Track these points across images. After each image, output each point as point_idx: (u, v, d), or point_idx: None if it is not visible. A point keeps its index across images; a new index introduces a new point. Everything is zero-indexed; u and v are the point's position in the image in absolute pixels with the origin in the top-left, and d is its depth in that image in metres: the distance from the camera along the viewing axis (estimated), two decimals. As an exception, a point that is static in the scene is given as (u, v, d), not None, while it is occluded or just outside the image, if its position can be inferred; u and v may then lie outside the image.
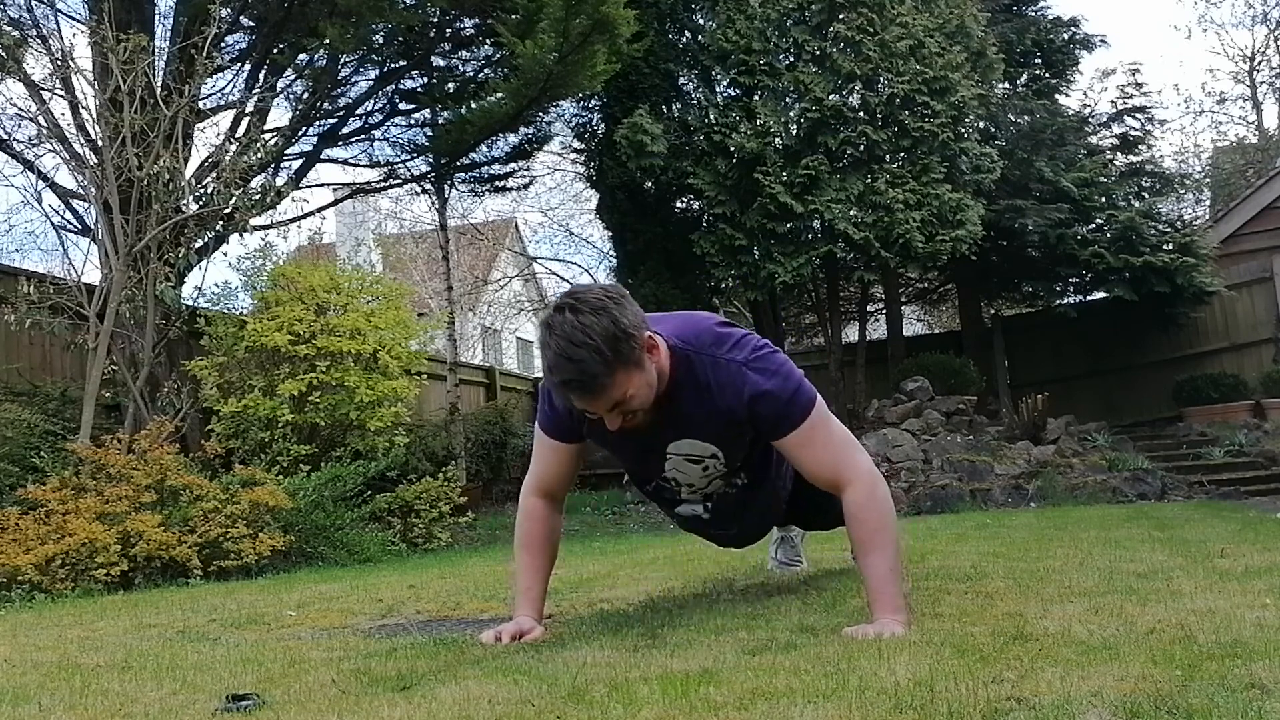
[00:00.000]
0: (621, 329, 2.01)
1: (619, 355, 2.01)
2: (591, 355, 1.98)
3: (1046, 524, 5.61)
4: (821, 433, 2.21)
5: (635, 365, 2.05)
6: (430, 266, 20.70)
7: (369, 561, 6.14)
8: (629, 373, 2.04)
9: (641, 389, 2.08)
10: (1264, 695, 1.36)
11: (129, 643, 2.72)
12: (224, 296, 7.75)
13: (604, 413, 2.09)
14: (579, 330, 1.98)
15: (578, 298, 2.04)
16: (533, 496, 2.46)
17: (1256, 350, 12.08)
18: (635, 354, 2.04)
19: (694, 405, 2.20)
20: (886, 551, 2.14)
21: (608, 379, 2.01)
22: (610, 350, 1.99)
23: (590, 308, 2.01)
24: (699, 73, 10.70)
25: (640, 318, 2.08)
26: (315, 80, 8.98)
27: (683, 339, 2.19)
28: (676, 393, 2.17)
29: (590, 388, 2.02)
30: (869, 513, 2.16)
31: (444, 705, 1.60)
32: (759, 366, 2.17)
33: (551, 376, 2.05)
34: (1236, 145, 22.31)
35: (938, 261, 10.56)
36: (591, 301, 2.02)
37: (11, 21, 7.21)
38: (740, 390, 2.16)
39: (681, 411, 2.21)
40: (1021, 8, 13.03)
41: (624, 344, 2.01)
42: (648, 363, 2.09)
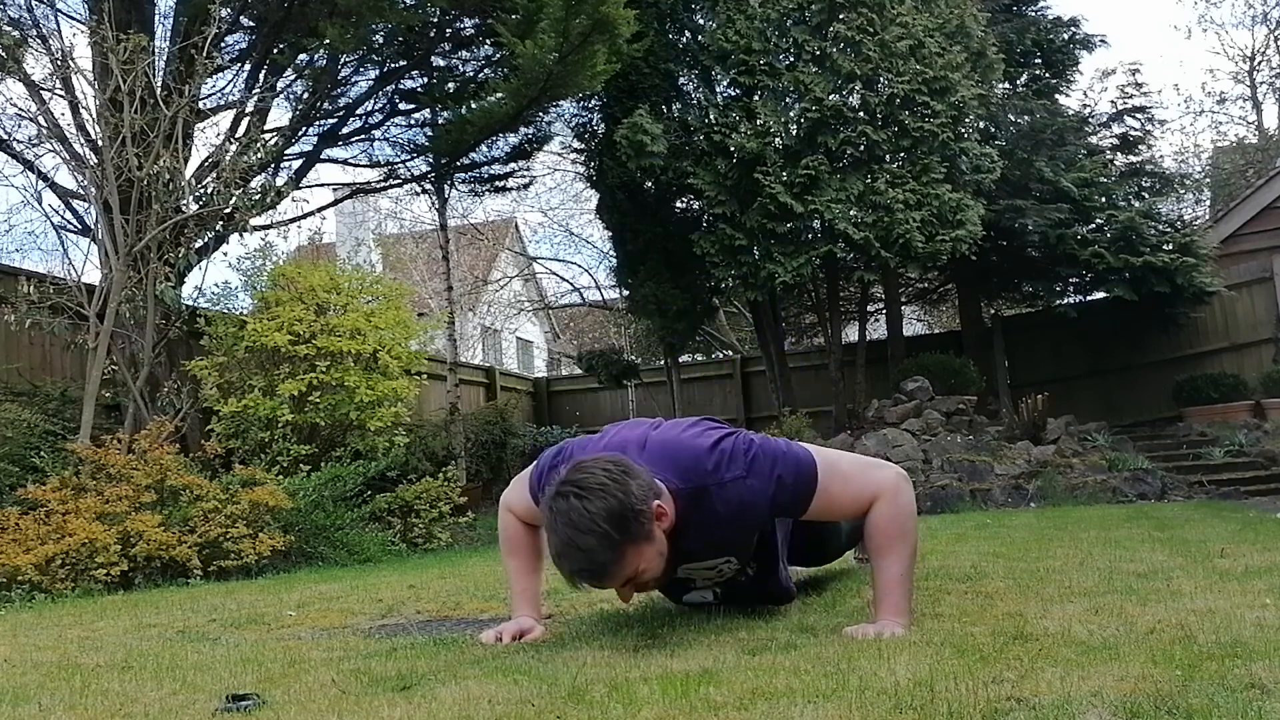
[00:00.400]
0: (630, 508, 1.97)
1: (628, 535, 1.97)
2: (600, 543, 1.95)
3: (1046, 524, 5.61)
4: (836, 483, 2.19)
5: (645, 539, 2.01)
6: (430, 266, 20.71)
7: (369, 561, 6.14)
8: (639, 548, 2.01)
9: (653, 560, 2.05)
10: (1264, 695, 1.36)
11: (129, 643, 2.72)
12: (224, 296, 7.76)
13: (616, 589, 2.09)
14: (585, 518, 1.94)
15: (580, 484, 1.98)
16: (509, 514, 2.47)
17: (1256, 350, 12.08)
18: (644, 529, 2.00)
19: (705, 535, 2.18)
20: (901, 557, 2.16)
21: (617, 564, 1.99)
22: (619, 533, 1.96)
23: (594, 491, 1.96)
24: (699, 73, 10.70)
25: (646, 487, 2.02)
26: (315, 80, 8.98)
27: (684, 480, 2.12)
28: (684, 530, 2.12)
29: (601, 575, 2.01)
30: (888, 520, 2.17)
31: (444, 705, 1.60)
32: (759, 471, 2.13)
33: (560, 564, 2.01)
34: (1236, 145, 22.30)
35: (938, 261, 10.55)
36: (594, 485, 1.97)
37: (11, 21, 7.21)
38: (759, 505, 2.15)
39: (692, 544, 2.18)
40: (1021, 8, 13.02)
41: (633, 523, 1.97)
42: (657, 533, 2.04)
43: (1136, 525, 5.12)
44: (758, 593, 2.52)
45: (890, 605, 2.11)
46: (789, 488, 2.15)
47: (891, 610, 2.10)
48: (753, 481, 2.12)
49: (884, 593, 2.14)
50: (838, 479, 2.20)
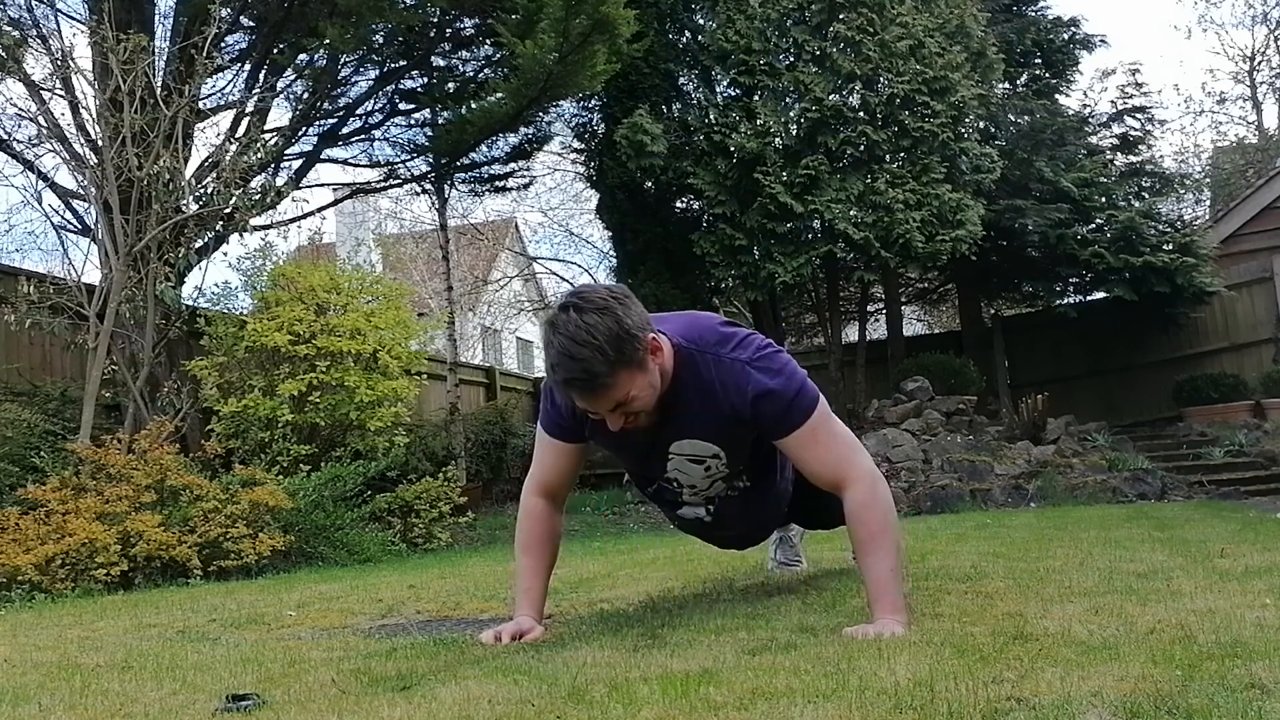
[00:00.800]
0: (625, 329, 2.01)
1: (622, 355, 2.01)
2: (595, 354, 1.98)
3: (1046, 524, 5.61)
4: (824, 433, 2.19)
5: (638, 366, 2.05)
6: (430, 266, 20.70)
7: (369, 561, 6.14)
8: (631, 373, 2.04)
9: (644, 390, 2.08)
10: (1264, 695, 1.36)
11: (129, 643, 2.72)
12: (224, 296, 7.76)
13: (606, 413, 2.09)
14: (583, 329, 1.98)
15: (582, 296, 2.04)
16: (534, 496, 2.44)
17: (1256, 350, 12.08)
18: (638, 355, 2.04)
19: (697, 404, 2.19)
20: (888, 552, 2.14)
21: (610, 379, 2.01)
22: (614, 350, 1.99)
23: (595, 307, 2.01)
24: (699, 73, 10.70)
25: (645, 319, 2.07)
26: (315, 80, 8.98)
27: (686, 338, 2.18)
28: (679, 392, 2.16)
29: (592, 387, 2.03)
30: (870, 513, 2.15)
31: (444, 705, 1.60)
32: (762, 365, 2.16)
33: (554, 374, 2.05)
34: (1236, 145, 22.31)
35: (938, 261, 10.56)
36: (596, 301, 2.02)
37: (11, 21, 7.21)
38: (744, 388, 2.15)
39: (684, 411, 2.20)
40: (1021, 8, 13.03)
41: (627, 344, 2.01)
42: (651, 364, 2.08)
43: (1136, 525, 5.12)
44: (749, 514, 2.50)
45: (887, 603, 2.09)
46: (780, 399, 2.14)
47: (889, 608, 2.08)
48: (751, 370, 2.14)
49: (878, 591, 2.11)
50: (827, 433, 2.20)
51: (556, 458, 2.38)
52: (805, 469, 2.25)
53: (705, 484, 2.40)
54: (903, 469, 9.26)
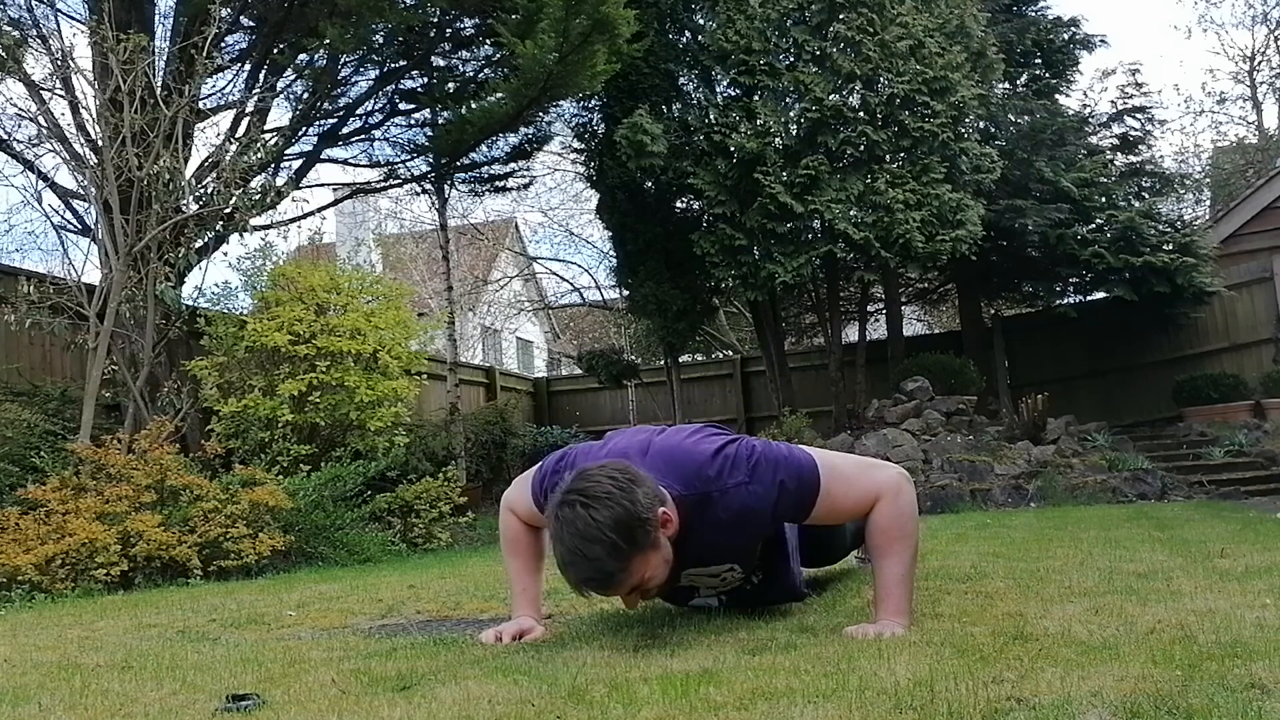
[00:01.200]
0: (635, 517, 1.97)
1: (634, 544, 1.98)
2: (607, 552, 1.95)
3: (1046, 524, 5.61)
4: (838, 487, 2.19)
5: (651, 548, 2.02)
6: (430, 266, 20.70)
7: (369, 561, 6.14)
8: (645, 557, 2.01)
9: (659, 568, 2.07)
10: (1264, 695, 1.36)
11: (129, 643, 2.72)
12: (224, 296, 7.76)
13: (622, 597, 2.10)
14: (592, 526, 1.94)
15: (586, 493, 1.98)
16: (510, 514, 2.45)
17: (1256, 350, 12.08)
18: (650, 538, 2.00)
19: (709, 541, 2.18)
20: (902, 557, 2.15)
21: (624, 573, 2.00)
22: (626, 542, 1.96)
23: (601, 500, 1.96)
24: (699, 73, 10.70)
25: (653, 494, 2.02)
26: (315, 80, 8.98)
27: (686, 485, 2.12)
28: (688, 536, 2.13)
29: (608, 584, 2.02)
30: (889, 520, 2.17)
31: (444, 705, 1.60)
32: (761, 477, 2.13)
33: (567, 574, 2.02)
34: (1236, 145, 22.30)
35: (938, 261, 10.55)
36: (600, 494, 1.97)
37: (11, 21, 7.21)
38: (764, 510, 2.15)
39: (696, 547, 2.18)
40: (1021, 8, 13.02)
41: (639, 531, 1.97)
42: (663, 540, 2.05)
43: (1136, 525, 5.12)
44: (763, 598, 2.50)
45: (891, 605, 2.10)
46: (792, 493, 2.14)
47: (892, 610, 2.09)
48: (755, 487, 2.12)
49: (885, 593, 2.13)
50: (840, 482, 2.19)
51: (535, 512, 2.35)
52: (840, 521, 2.30)
53: (720, 585, 2.38)
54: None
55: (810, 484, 2.16)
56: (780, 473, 2.14)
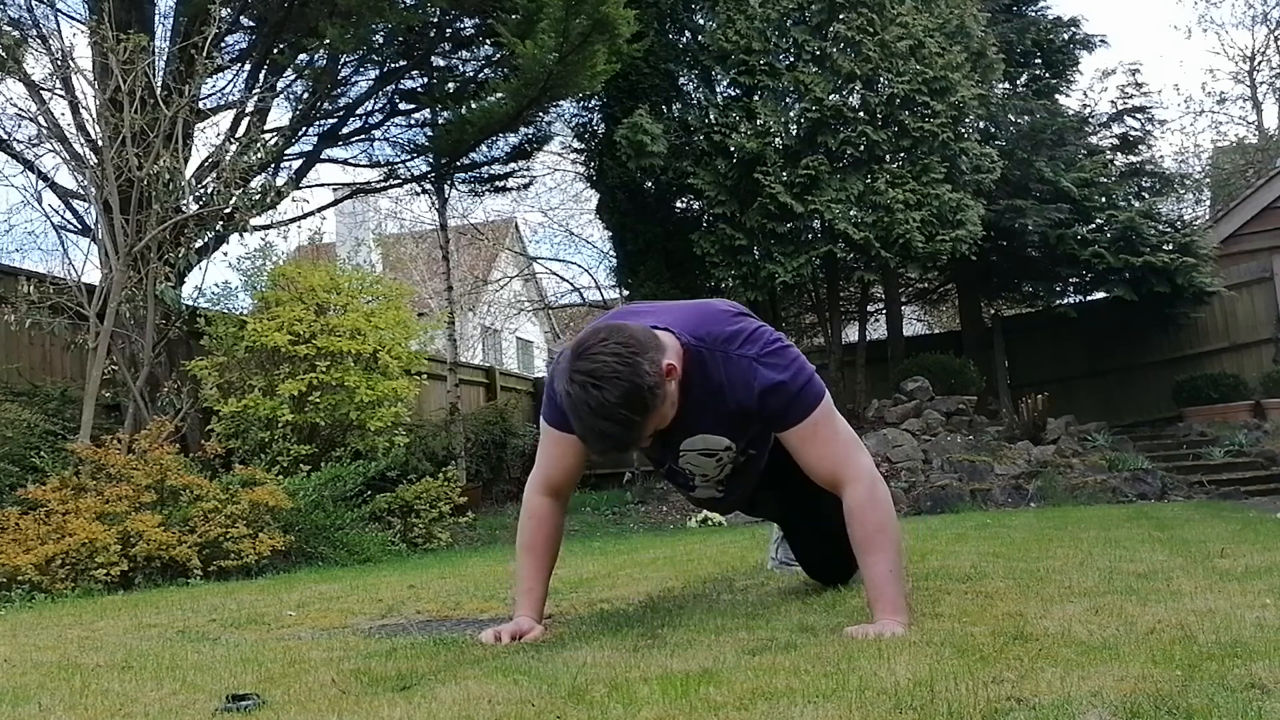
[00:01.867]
0: (641, 386, 2.02)
1: (646, 410, 2.05)
2: (622, 426, 2.04)
3: (1046, 524, 5.61)
4: (826, 428, 2.20)
5: (659, 404, 2.08)
6: (430, 266, 20.70)
7: (369, 561, 6.14)
8: (657, 413, 2.09)
9: (667, 415, 2.14)
10: (1264, 695, 1.36)
11: (129, 643, 2.72)
12: (224, 296, 7.76)
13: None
14: (605, 406, 2.00)
15: (593, 374, 2.01)
16: (538, 495, 2.45)
17: (1256, 350, 12.08)
18: (658, 398, 2.07)
19: (706, 403, 2.21)
20: (887, 552, 2.14)
21: (639, 435, 2.11)
22: (638, 413, 2.04)
23: (609, 380, 2.00)
24: (699, 73, 10.70)
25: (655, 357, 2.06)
26: (315, 80, 8.98)
27: (695, 335, 2.17)
28: (689, 391, 2.17)
29: (625, 448, 2.21)
30: (869, 513, 2.15)
31: (444, 705, 1.60)
32: (770, 361, 2.17)
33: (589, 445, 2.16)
34: (1236, 145, 22.30)
35: (938, 261, 10.56)
36: (608, 375, 2.00)
37: (11, 21, 7.21)
38: (751, 385, 2.16)
39: (693, 410, 2.21)
40: (1021, 8, 13.03)
41: (648, 397, 2.04)
42: (670, 389, 2.11)
43: (1136, 525, 5.12)
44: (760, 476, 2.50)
45: (886, 603, 2.08)
46: (787, 390, 2.15)
47: (889, 608, 2.08)
48: (759, 366, 2.15)
49: (877, 591, 2.11)
50: (829, 428, 2.20)
51: (563, 451, 2.36)
52: (805, 464, 2.24)
53: (716, 471, 2.40)
54: (903, 469, 9.26)
55: (807, 400, 2.17)
56: (790, 372, 2.16)
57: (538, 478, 2.44)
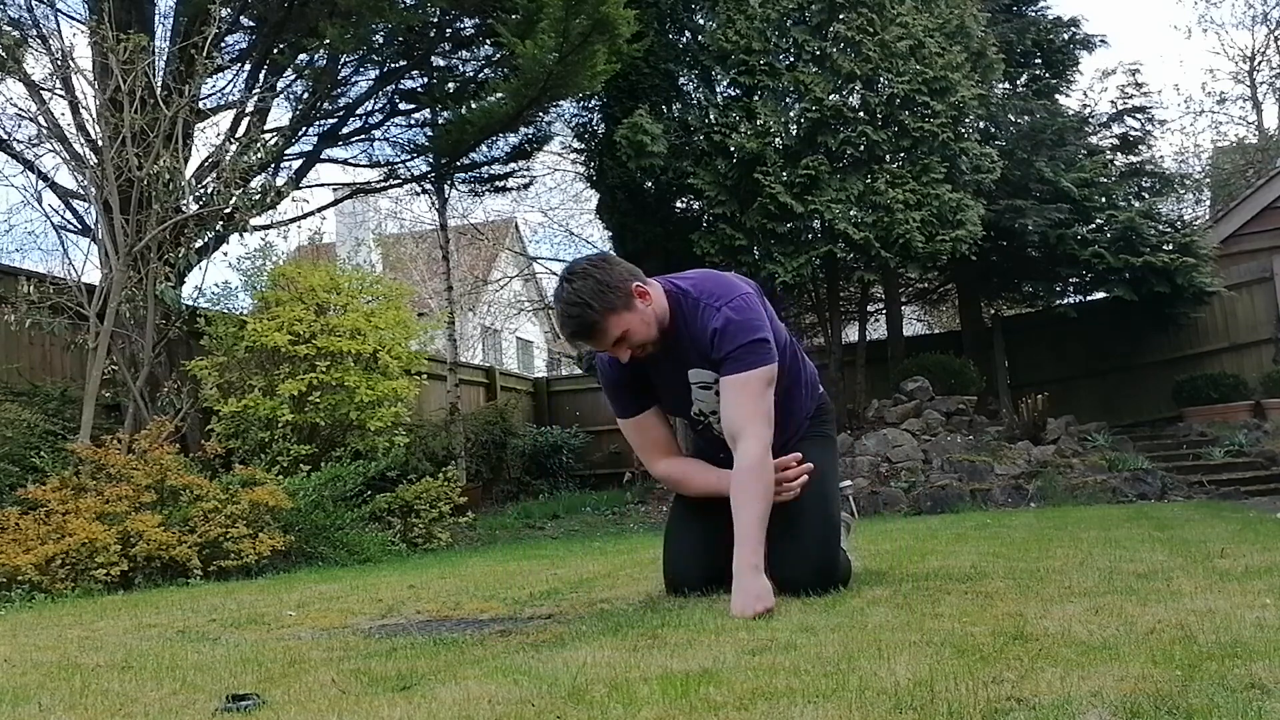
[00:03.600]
0: (605, 284, 2.53)
1: (606, 304, 2.52)
2: (584, 310, 2.52)
3: (1046, 524, 5.61)
4: (753, 389, 2.55)
5: (624, 308, 2.54)
6: (430, 266, 20.71)
7: (369, 561, 6.14)
8: (619, 314, 2.54)
9: (638, 326, 2.57)
10: (1264, 695, 1.36)
11: (129, 643, 2.72)
12: (224, 296, 7.75)
13: (610, 348, 2.59)
14: (573, 292, 2.54)
15: (570, 270, 2.61)
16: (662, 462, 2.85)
17: (1256, 350, 12.08)
18: (621, 300, 2.54)
19: (687, 340, 2.64)
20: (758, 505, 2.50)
21: (601, 324, 2.53)
22: (598, 303, 2.52)
23: (580, 275, 2.56)
24: (699, 73, 10.70)
25: (626, 273, 2.59)
26: (315, 80, 8.98)
27: (681, 287, 2.65)
28: (676, 328, 2.64)
29: (588, 333, 2.57)
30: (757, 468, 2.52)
31: (444, 705, 1.60)
32: (729, 313, 2.56)
33: (565, 334, 2.63)
34: (1236, 145, 22.30)
35: (938, 261, 10.55)
36: (579, 271, 2.58)
37: (11, 21, 7.21)
38: (706, 326, 2.58)
39: (680, 345, 2.65)
40: (1021, 8, 13.02)
41: (609, 294, 2.53)
42: (638, 305, 2.57)
43: (1136, 525, 5.12)
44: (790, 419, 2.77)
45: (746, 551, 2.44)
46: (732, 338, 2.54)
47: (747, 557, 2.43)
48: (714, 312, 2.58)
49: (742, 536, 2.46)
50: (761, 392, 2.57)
51: (645, 430, 2.82)
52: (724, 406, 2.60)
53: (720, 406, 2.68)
54: (903, 469, 9.26)
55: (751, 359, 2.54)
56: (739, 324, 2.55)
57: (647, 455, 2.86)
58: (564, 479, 12.27)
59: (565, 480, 12.26)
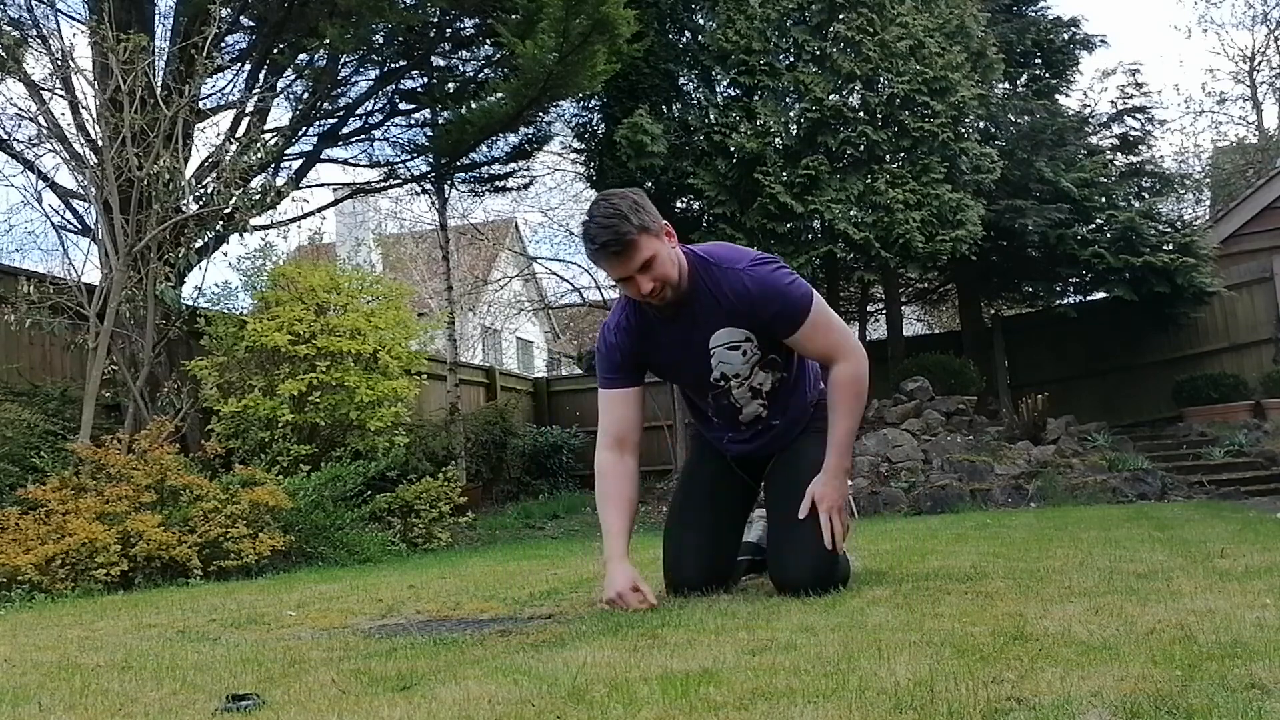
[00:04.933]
0: (642, 207, 2.55)
1: (641, 223, 2.52)
2: (620, 221, 2.51)
3: (1046, 524, 5.61)
4: (823, 322, 2.67)
5: (655, 235, 2.55)
6: (430, 266, 20.71)
7: (369, 561, 6.13)
8: (650, 239, 2.53)
9: (665, 261, 2.57)
10: (1264, 695, 1.36)
11: (129, 643, 2.72)
12: (224, 296, 7.75)
13: (635, 274, 2.54)
14: (610, 206, 2.55)
15: (609, 193, 2.64)
16: (603, 451, 2.79)
17: (1256, 350, 12.07)
18: (655, 225, 2.56)
19: (711, 306, 2.66)
20: (852, 418, 2.68)
21: (634, 238, 2.50)
22: (635, 218, 2.51)
23: (617, 195, 2.60)
24: (699, 73, 10.69)
25: (658, 216, 2.61)
26: (315, 80, 8.98)
27: (699, 252, 2.68)
28: (695, 292, 2.65)
29: (619, 245, 2.51)
30: (852, 382, 2.67)
31: (444, 705, 1.60)
32: (754, 274, 2.63)
33: (591, 245, 2.56)
34: (1236, 145, 22.30)
35: (938, 261, 10.55)
36: (616, 192, 2.62)
37: (11, 21, 7.20)
38: (737, 286, 2.63)
39: (702, 309, 2.66)
40: (1021, 8, 13.02)
41: (645, 215, 2.54)
42: (665, 242, 2.58)
43: (1136, 525, 5.12)
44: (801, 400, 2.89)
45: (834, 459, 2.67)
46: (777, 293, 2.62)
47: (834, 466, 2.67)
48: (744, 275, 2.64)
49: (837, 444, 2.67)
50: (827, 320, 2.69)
51: (616, 405, 2.78)
52: (807, 352, 2.75)
53: (747, 370, 2.77)
54: (903, 469, 9.26)
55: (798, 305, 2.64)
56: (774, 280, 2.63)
57: (600, 438, 2.80)
58: (564, 479, 12.27)
59: (565, 480, 12.25)
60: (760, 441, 2.91)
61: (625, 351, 2.74)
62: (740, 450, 2.94)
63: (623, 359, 2.75)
